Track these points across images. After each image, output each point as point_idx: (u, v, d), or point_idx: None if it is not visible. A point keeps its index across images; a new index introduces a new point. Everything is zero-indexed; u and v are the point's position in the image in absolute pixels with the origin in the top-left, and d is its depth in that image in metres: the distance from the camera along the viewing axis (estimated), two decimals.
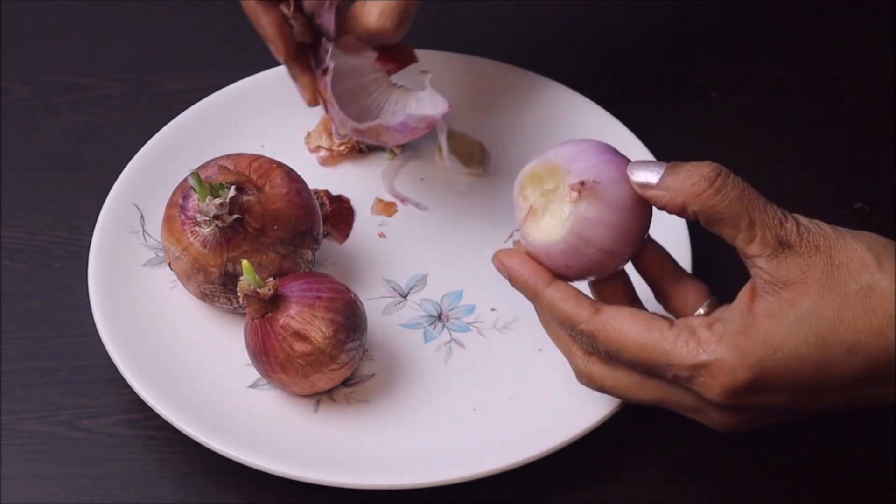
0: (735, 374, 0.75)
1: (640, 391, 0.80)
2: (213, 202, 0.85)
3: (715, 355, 0.75)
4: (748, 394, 0.75)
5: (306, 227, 0.89)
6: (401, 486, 0.83)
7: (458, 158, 0.99)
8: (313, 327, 0.84)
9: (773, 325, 0.75)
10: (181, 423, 0.85)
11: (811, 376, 0.75)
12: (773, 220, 0.77)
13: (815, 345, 0.75)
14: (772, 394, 0.76)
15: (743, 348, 0.75)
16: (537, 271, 0.80)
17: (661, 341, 0.77)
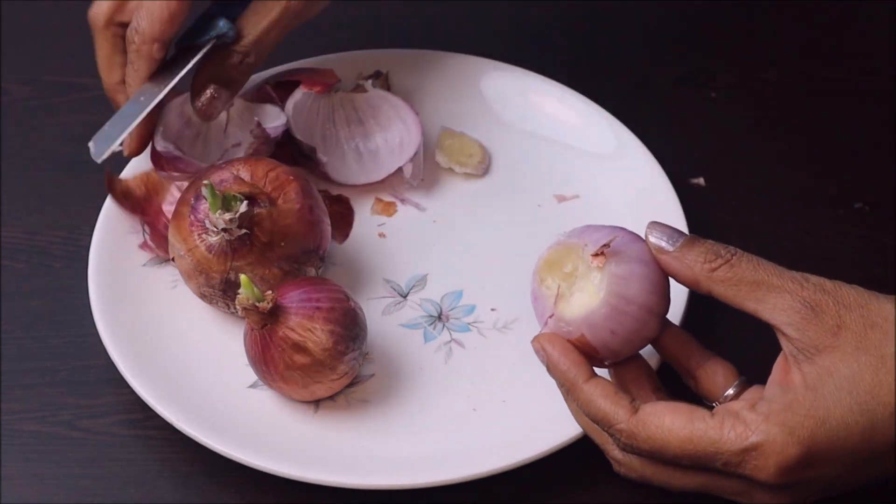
0: (787, 452, 0.73)
1: (684, 480, 0.78)
2: (223, 216, 0.85)
3: (765, 435, 0.74)
4: (801, 470, 0.74)
5: (314, 246, 0.89)
6: (401, 486, 0.83)
7: (458, 158, 0.99)
8: (312, 339, 0.83)
9: (815, 396, 0.74)
10: (181, 423, 0.85)
11: (859, 445, 0.74)
12: (794, 284, 0.75)
13: (859, 412, 0.73)
14: (823, 467, 0.74)
15: (791, 424, 0.74)
16: (579, 364, 0.79)
17: (706, 430, 0.75)
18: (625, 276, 0.78)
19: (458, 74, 1.03)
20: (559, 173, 0.99)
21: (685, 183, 1.00)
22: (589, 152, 0.99)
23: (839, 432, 0.73)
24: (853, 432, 0.73)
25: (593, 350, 0.79)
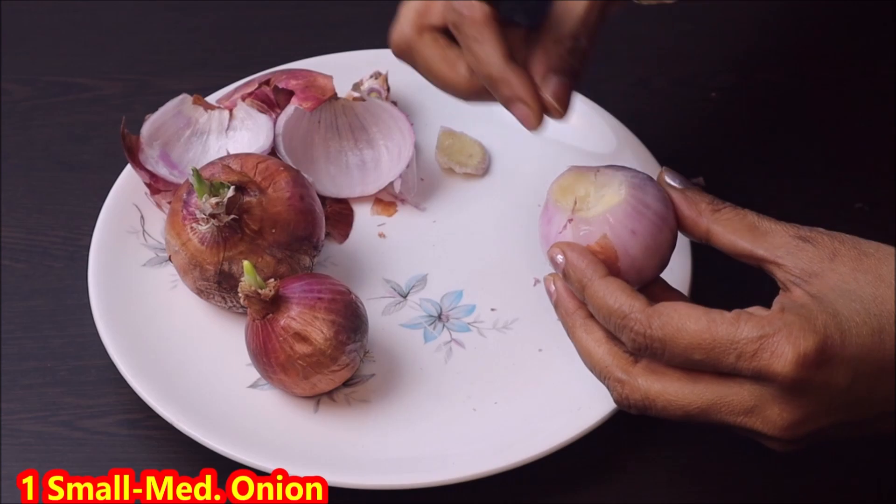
0: (805, 339, 0.73)
1: (691, 395, 0.76)
2: (209, 201, 0.85)
3: (781, 323, 0.73)
4: (817, 365, 0.73)
5: (305, 234, 0.89)
6: (401, 486, 0.83)
7: (458, 158, 0.99)
8: (314, 328, 0.84)
9: (823, 300, 0.74)
10: (181, 423, 0.85)
11: (870, 345, 0.73)
12: (790, 226, 0.78)
13: (866, 314, 0.74)
14: (838, 368, 0.73)
15: (806, 315, 0.74)
16: (597, 263, 0.78)
17: (723, 321, 0.74)
18: (641, 185, 0.80)
19: None
20: (559, 173, 0.99)
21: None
22: (589, 152, 0.99)
23: (851, 328, 0.74)
24: (863, 331, 0.74)
25: (614, 256, 0.79)
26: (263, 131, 0.96)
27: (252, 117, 0.97)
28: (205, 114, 0.96)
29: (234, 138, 0.96)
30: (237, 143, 0.96)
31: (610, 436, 0.86)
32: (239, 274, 0.87)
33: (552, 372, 0.89)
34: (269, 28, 1.10)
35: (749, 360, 0.74)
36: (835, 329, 0.74)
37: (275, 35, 1.09)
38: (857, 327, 0.74)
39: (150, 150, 0.94)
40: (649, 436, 0.88)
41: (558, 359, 0.89)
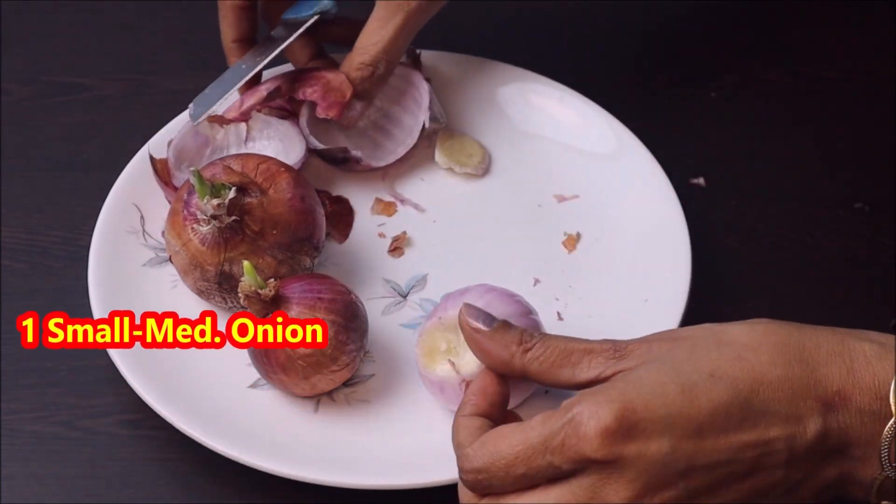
0: (601, 413, 0.71)
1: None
2: (211, 202, 0.85)
3: (579, 406, 0.72)
4: (622, 435, 0.71)
5: (306, 234, 0.89)
6: (401, 486, 0.83)
7: (458, 158, 0.99)
8: None
9: (629, 374, 0.74)
10: (181, 423, 0.85)
11: (681, 404, 0.72)
12: (605, 344, 0.76)
13: (673, 373, 0.73)
14: (649, 434, 0.72)
15: (603, 392, 0.73)
16: (473, 399, 0.79)
17: (532, 428, 0.73)
18: (485, 305, 0.82)
19: (458, 74, 1.03)
20: (559, 173, 0.99)
21: (685, 183, 1.00)
22: (589, 152, 0.99)
23: (655, 389, 0.72)
24: (669, 390, 0.72)
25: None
26: (295, 141, 0.96)
27: (271, 125, 0.97)
28: (220, 130, 0.96)
29: (256, 149, 0.96)
30: (268, 151, 0.96)
31: None
32: (240, 275, 0.87)
33: None
34: (269, 28, 1.10)
35: (561, 452, 0.73)
36: (635, 395, 0.72)
37: None
38: (661, 387, 0.72)
39: (179, 174, 0.94)
40: None
41: None
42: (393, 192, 0.98)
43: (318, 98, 0.95)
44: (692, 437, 0.72)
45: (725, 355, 0.73)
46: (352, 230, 0.96)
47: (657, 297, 0.90)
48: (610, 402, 0.72)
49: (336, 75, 0.96)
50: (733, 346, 0.74)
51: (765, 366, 0.73)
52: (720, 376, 0.73)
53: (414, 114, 0.99)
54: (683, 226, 0.93)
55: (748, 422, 0.72)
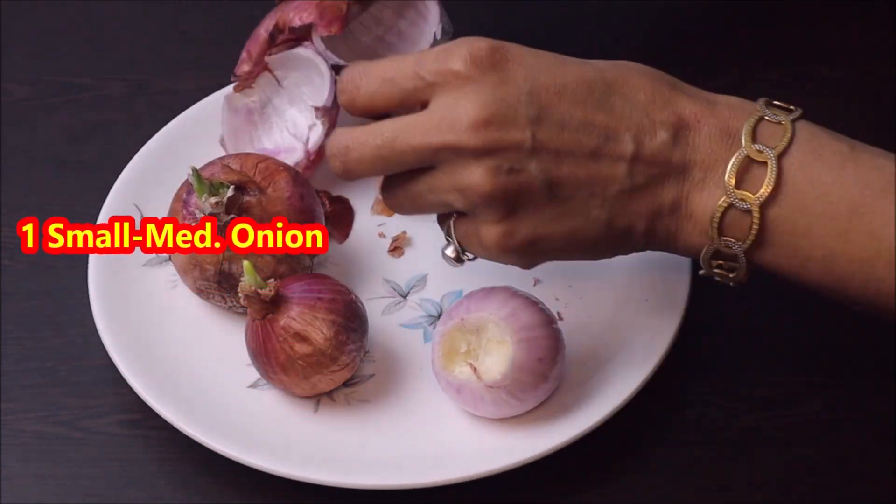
0: (475, 44, 0.76)
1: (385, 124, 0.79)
2: (209, 200, 0.86)
3: (459, 41, 0.77)
4: (489, 60, 0.76)
5: None
6: (401, 486, 0.83)
7: None
8: (314, 328, 0.84)
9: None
10: (181, 423, 0.85)
11: (550, 62, 0.77)
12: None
13: (548, 53, 0.78)
14: (513, 69, 0.77)
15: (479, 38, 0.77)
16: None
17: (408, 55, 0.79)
18: (510, 312, 0.83)
19: None
20: None
21: None
22: None
23: (530, 50, 0.78)
24: (544, 53, 0.78)
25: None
26: (316, 63, 0.95)
27: (289, 58, 0.96)
28: (252, 91, 0.96)
29: (293, 85, 0.96)
30: (302, 85, 0.96)
31: (610, 436, 0.86)
32: (238, 274, 0.87)
33: None
34: None
35: (429, 66, 0.77)
36: (511, 45, 0.77)
37: None
38: (537, 51, 0.78)
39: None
40: (649, 436, 0.88)
41: None
42: None
43: (315, 19, 0.95)
44: (551, 92, 0.77)
45: (601, 62, 0.79)
46: (352, 230, 0.96)
47: (657, 296, 0.90)
48: (485, 40, 0.77)
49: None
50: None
51: (634, 72, 0.79)
52: (592, 65, 0.78)
53: (420, 27, 0.98)
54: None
55: (605, 105, 0.77)
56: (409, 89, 0.78)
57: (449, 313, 0.85)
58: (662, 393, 0.88)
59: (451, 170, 0.78)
